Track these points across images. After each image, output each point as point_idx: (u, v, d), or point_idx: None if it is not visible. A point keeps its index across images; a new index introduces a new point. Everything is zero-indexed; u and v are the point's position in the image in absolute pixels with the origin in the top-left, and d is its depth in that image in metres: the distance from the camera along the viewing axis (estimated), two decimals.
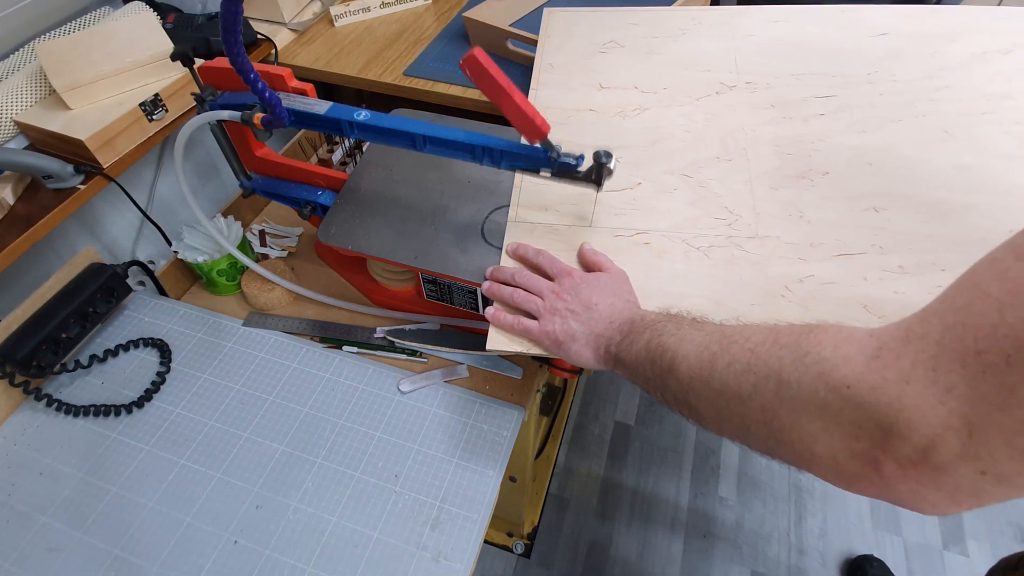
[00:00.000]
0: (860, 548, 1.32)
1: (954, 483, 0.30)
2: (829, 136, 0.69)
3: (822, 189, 0.64)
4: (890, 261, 0.57)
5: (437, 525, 0.62)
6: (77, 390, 0.74)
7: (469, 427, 0.69)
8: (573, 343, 0.53)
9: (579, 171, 0.58)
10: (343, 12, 1.15)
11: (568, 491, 1.44)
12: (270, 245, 0.90)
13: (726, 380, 0.40)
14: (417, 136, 0.60)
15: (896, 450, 0.31)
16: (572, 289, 0.56)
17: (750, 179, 0.66)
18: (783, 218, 0.62)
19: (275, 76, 0.64)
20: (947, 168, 0.64)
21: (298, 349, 0.77)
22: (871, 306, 0.55)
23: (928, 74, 0.73)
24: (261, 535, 0.62)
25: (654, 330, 0.48)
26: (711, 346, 0.42)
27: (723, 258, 0.60)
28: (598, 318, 0.53)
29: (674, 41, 0.83)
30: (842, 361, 0.34)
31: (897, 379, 0.31)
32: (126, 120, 0.79)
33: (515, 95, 0.52)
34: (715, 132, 0.72)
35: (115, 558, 0.61)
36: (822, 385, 0.34)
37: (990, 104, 0.69)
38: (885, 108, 0.71)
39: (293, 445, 0.69)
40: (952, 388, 0.29)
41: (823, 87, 0.74)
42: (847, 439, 0.33)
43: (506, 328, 0.57)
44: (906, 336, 0.32)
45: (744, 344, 0.40)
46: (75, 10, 0.86)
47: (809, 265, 0.58)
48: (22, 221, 0.73)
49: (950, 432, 0.29)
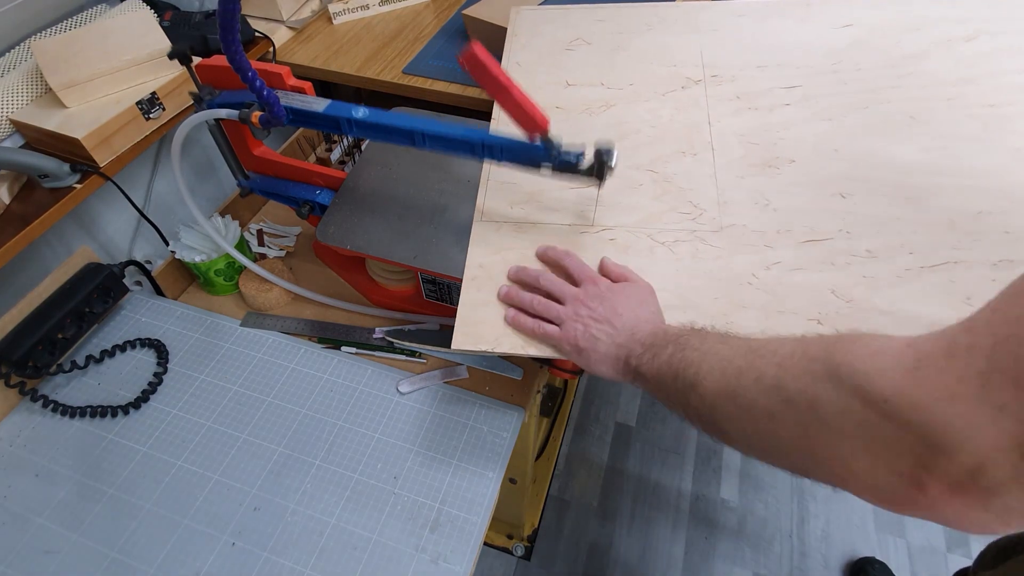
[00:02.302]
0: (863, 550, 1.31)
1: (1004, 505, 0.29)
2: (795, 125, 0.69)
3: (789, 176, 0.65)
4: (858, 245, 0.58)
5: (436, 527, 0.62)
6: (73, 391, 0.74)
7: (469, 428, 0.69)
8: (594, 352, 0.52)
9: (580, 167, 0.57)
10: (342, 10, 1.14)
11: (569, 493, 1.43)
12: (268, 245, 0.90)
13: (754, 397, 0.38)
14: (416, 133, 0.60)
15: (943, 471, 0.29)
16: (597, 297, 0.55)
17: (715, 172, 0.66)
18: (750, 206, 0.63)
19: (273, 74, 0.64)
20: (913, 152, 0.64)
21: (296, 350, 0.77)
22: (839, 290, 0.55)
23: (892, 62, 0.74)
24: (259, 537, 0.62)
25: (677, 344, 0.46)
26: (736, 360, 0.41)
27: (688, 252, 0.60)
28: (621, 328, 0.52)
29: (640, 37, 0.84)
30: (878, 375, 0.32)
31: (941, 396, 0.29)
32: (123, 119, 0.78)
33: (514, 90, 0.51)
34: (680, 126, 0.72)
35: (112, 560, 0.61)
36: (858, 400, 0.32)
37: (954, 89, 0.70)
38: (850, 96, 0.71)
39: (291, 446, 0.68)
40: (1004, 407, 0.27)
41: (788, 78, 0.75)
42: (888, 458, 0.31)
43: (526, 332, 0.56)
44: (949, 349, 0.30)
45: (772, 358, 0.38)
46: (71, 8, 0.86)
47: (776, 252, 0.59)
48: (18, 220, 0.72)
49: (1001, 453, 0.28)
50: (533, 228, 0.64)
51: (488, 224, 0.65)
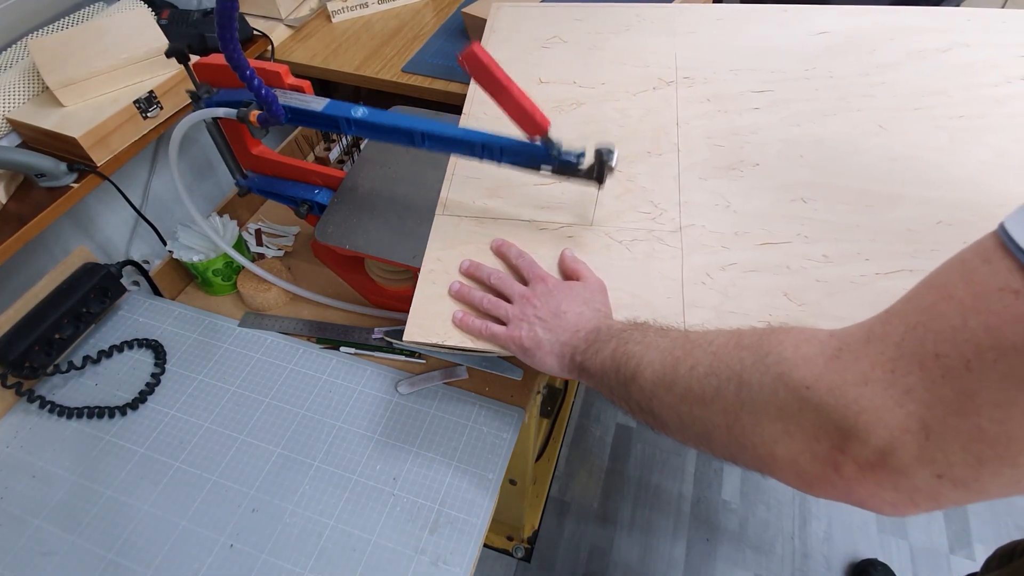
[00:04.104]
0: (865, 552, 1.31)
1: (911, 485, 0.30)
2: (762, 129, 0.69)
3: (751, 180, 0.65)
4: (815, 250, 0.58)
5: (436, 529, 0.61)
6: (71, 392, 0.73)
7: (468, 429, 0.69)
8: (538, 350, 0.54)
9: (580, 168, 0.57)
10: (340, 8, 1.14)
11: (569, 494, 1.43)
12: (266, 244, 0.90)
13: (689, 384, 0.40)
14: (416, 132, 0.59)
15: (855, 452, 0.31)
16: (543, 295, 0.56)
17: (679, 173, 0.66)
18: (710, 208, 0.63)
19: (271, 73, 0.63)
20: (878, 161, 0.65)
21: (295, 350, 0.76)
22: (792, 294, 0.55)
23: (864, 71, 0.74)
24: (257, 539, 0.61)
25: (620, 339, 0.48)
26: (675, 351, 0.42)
27: (644, 251, 0.61)
28: (564, 326, 0.53)
29: (617, 37, 0.84)
30: (802, 362, 0.33)
31: (856, 380, 0.31)
32: (120, 117, 0.78)
33: (514, 90, 0.51)
34: (648, 127, 0.72)
35: (109, 562, 0.61)
36: (782, 386, 0.34)
37: (924, 100, 0.70)
38: (820, 103, 0.71)
39: (290, 447, 0.68)
40: (911, 391, 0.29)
41: (760, 82, 0.75)
42: (807, 441, 0.33)
43: (473, 333, 0.57)
44: (867, 337, 0.32)
45: (707, 347, 0.40)
46: (69, 6, 0.85)
47: (733, 253, 0.59)
48: (14, 220, 0.72)
49: (908, 435, 0.29)
50: (493, 223, 0.65)
51: (449, 218, 0.66)
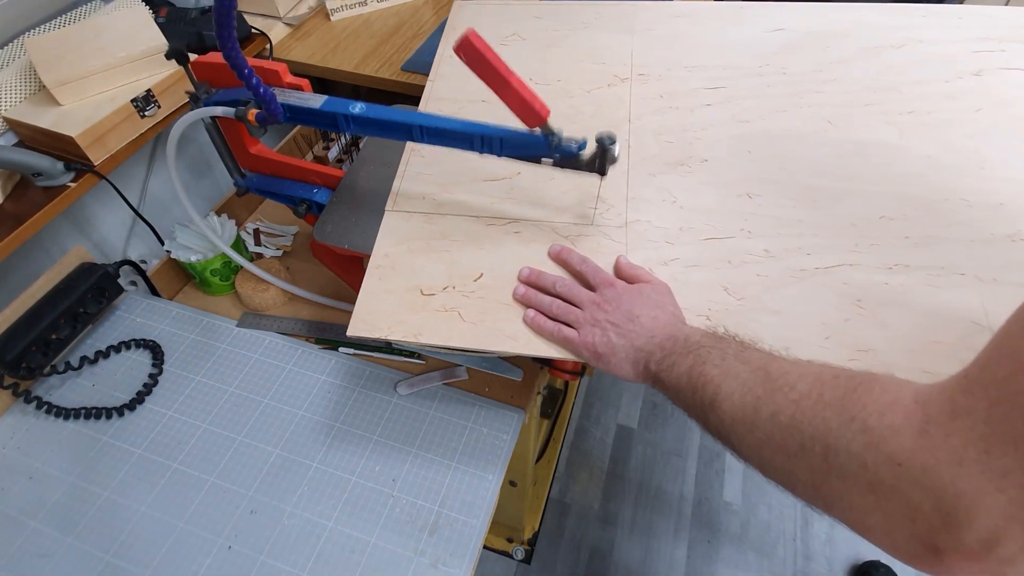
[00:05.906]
0: (867, 554, 1.30)
1: (1017, 572, 0.29)
2: (713, 126, 0.70)
3: (699, 176, 0.65)
4: (756, 245, 0.58)
5: (435, 530, 0.61)
6: (68, 392, 0.73)
7: (468, 430, 0.68)
8: (613, 356, 0.52)
9: (581, 158, 0.56)
10: (339, 6, 1.13)
11: (569, 495, 1.42)
12: (264, 244, 0.89)
13: (771, 432, 0.39)
14: (415, 127, 0.59)
15: (958, 540, 0.30)
16: (614, 300, 0.54)
17: (628, 169, 0.67)
18: (656, 203, 0.63)
19: (270, 72, 0.63)
20: (826, 157, 0.65)
21: (293, 350, 0.76)
22: (732, 288, 0.56)
23: (818, 67, 0.74)
24: (255, 540, 0.61)
25: (697, 355, 0.47)
26: (755, 389, 0.41)
27: (589, 247, 0.60)
28: (639, 331, 0.52)
29: (575, 34, 0.84)
30: (890, 434, 0.32)
31: (950, 461, 0.30)
32: (118, 116, 0.77)
33: (512, 79, 0.51)
34: (600, 123, 0.72)
35: (106, 564, 0.60)
36: (871, 458, 0.33)
37: (876, 96, 0.70)
38: (772, 99, 0.72)
39: (288, 448, 0.67)
40: (1008, 473, 0.28)
41: (713, 79, 0.75)
42: (904, 520, 0.32)
43: (545, 335, 0.55)
44: (952, 410, 0.31)
45: (789, 393, 0.39)
46: (66, 4, 0.85)
47: (675, 248, 0.59)
48: (11, 220, 0.71)
49: (1014, 523, 0.28)
50: (442, 219, 0.64)
51: (399, 214, 0.65)
